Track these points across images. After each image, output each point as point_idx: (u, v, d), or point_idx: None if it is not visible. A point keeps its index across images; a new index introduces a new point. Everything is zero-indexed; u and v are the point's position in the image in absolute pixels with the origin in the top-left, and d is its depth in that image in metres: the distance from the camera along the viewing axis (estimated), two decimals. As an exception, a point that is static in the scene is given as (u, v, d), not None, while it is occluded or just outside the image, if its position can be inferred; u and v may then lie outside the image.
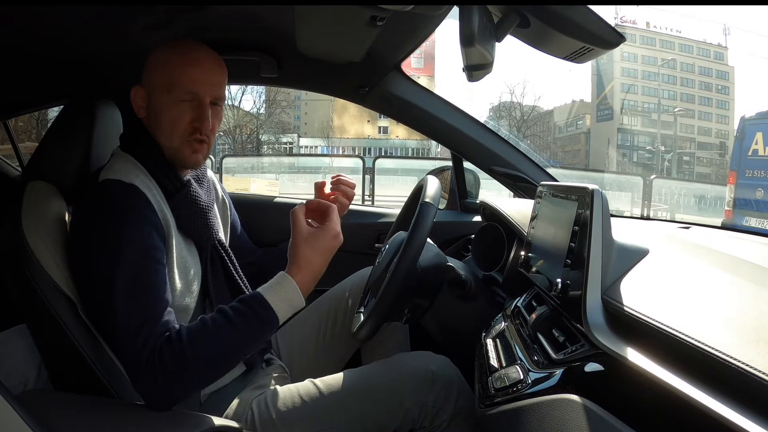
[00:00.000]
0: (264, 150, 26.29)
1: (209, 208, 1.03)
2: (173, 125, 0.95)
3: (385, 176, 9.52)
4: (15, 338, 0.98)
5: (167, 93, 0.94)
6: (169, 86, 0.94)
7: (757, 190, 5.70)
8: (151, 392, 0.82)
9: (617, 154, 30.27)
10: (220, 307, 0.86)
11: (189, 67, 0.94)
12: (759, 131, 5.80)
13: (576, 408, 0.63)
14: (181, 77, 0.93)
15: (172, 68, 0.94)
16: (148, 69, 0.98)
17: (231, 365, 0.90)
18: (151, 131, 0.98)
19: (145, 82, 0.97)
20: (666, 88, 31.27)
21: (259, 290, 0.87)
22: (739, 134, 6.11)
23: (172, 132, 0.95)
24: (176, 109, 0.94)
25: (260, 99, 28.85)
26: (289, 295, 0.86)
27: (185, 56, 0.95)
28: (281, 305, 0.86)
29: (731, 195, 6.00)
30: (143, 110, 0.98)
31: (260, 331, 0.86)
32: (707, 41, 32.64)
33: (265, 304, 0.85)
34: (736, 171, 5.97)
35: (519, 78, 48.18)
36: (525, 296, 1.03)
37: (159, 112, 0.95)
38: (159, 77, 0.95)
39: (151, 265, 0.86)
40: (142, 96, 0.97)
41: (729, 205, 6.02)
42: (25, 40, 1.07)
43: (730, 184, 6.07)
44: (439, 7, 0.90)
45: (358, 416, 0.98)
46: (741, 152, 5.97)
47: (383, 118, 32.36)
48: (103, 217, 0.88)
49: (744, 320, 0.57)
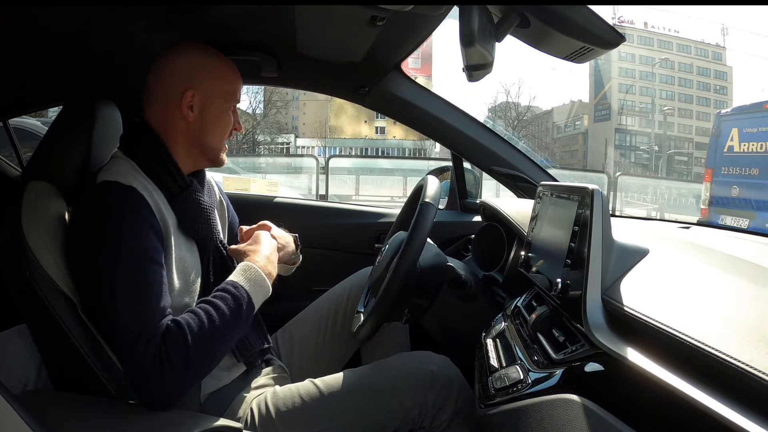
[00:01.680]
0: (259, 150, 26.32)
1: (212, 209, 1.04)
2: (225, 129, 1.03)
3: (339, 175, 10.49)
4: (15, 338, 0.97)
5: (224, 101, 1.02)
6: (226, 95, 1.02)
7: (732, 187, 5.52)
8: (156, 391, 0.83)
9: (615, 154, 30.33)
10: (202, 299, 0.93)
11: (238, 80, 1.05)
12: (734, 127, 5.62)
13: (576, 408, 0.63)
14: (236, 89, 1.04)
15: (231, 79, 1.03)
16: (202, 72, 0.99)
17: (225, 351, 0.94)
18: (193, 134, 1.00)
19: (200, 86, 0.98)
20: (664, 89, 31.33)
21: (228, 278, 0.96)
22: (715, 131, 5.93)
23: (223, 135, 1.04)
24: (227, 115, 1.03)
25: (255, 99, 28.87)
26: (251, 275, 0.96)
27: (234, 70, 1.04)
28: (248, 284, 0.95)
29: (707, 193, 5.83)
30: (192, 114, 0.99)
31: (239, 311, 0.92)
32: (705, 41, 32.71)
33: (236, 284, 0.94)
34: (713, 169, 5.82)
35: (515, 78, 48.26)
36: (525, 296, 1.03)
37: (215, 117, 1.01)
38: (219, 85, 1.01)
39: (148, 266, 0.87)
40: (196, 101, 0.99)
41: (705, 203, 5.86)
42: (24, 40, 1.07)
43: (706, 182, 5.89)
44: (439, 7, 0.90)
45: (358, 416, 0.98)
46: (717, 149, 5.79)
47: (380, 119, 32.42)
48: (100, 219, 0.88)
49: (744, 320, 0.57)
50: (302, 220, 1.76)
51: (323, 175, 8.86)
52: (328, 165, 9.18)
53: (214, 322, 0.87)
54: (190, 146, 1.00)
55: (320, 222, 1.76)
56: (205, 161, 1.05)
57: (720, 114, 6.06)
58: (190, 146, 1.00)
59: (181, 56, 0.99)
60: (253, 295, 0.94)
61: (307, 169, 10.89)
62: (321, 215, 1.78)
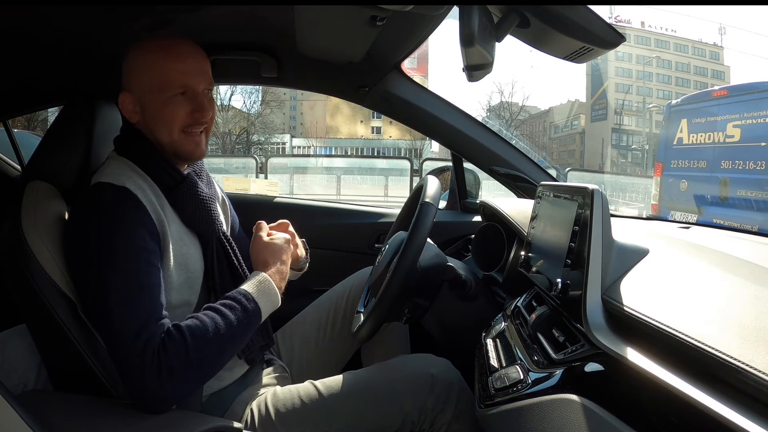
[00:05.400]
0: (254, 151, 26.40)
1: (212, 200, 1.04)
2: (172, 121, 0.96)
3: (278, 174, 11.49)
4: (15, 338, 0.97)
5: (160, 92, 0.94)
6: (161, 86, 0.94)
7: (681, 181, 5.23)
8: (153, 393, 0.82)
9: (612, 153, 30.37)
10: (208, 305, 0.91)
11: (177, 62, 0.95)
12: (684, 118, 5.27)
13: (576, 408, 0.63)
14: (172, 74, 0.94)
15: (161, 67, 0.94)
16: (131, 73, 0.96)
17: (226, 361, 0.93)
18: (147, 132, 0.98)
19: (131, 86, 0.96)
20: (661, 88, 31.38)
21: (241, 286, 0.94)
22: (665, 122, 5.59)
23: (172, 127, 0.96)
24: (172, 104, 0.95)
25: (250, 99, 28.88)
26: (265, 288, 0.95)
27: (169, 52, 0.95)
28: (261, 297, 0.93)
29: (657, 188, 5.51)
30: (136, 114, 0.97)
31: (246, 324, 0.91)
32: (703, 41, 32.77)
33: (249, 296, 0.92)
34: (663, 162, 5.47)
35: (507, 78, 48.24)
36: (525, 296, 1.03)
37: (155, 112, 0.95)
38: (148, 79, 0.94)
39: (143, 267, 0.87)
40: (132, 101, 0.96)
41: (655, 198, 5.54)
42: (24, 40, 1.07)
43: (656, 177, 5.56)
44: (439, 7, 0.90)
45: (357, 419, 0.98)
46: (667, 142, 5.45)
47: (376, 119, 32.46)
48: (94, 220, 0.88)
49: (744, 320, 0.57)
50: (302, 220, 1.75)
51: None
52: (267, 164, 10.29)
53: (219, 330, 0.86)
54: (158, 144, 0.98)
55: (320, 222, 1.76)
56: (174, 158, 0.99)
57: (670, 105, 5.66)
58: (157, 144, 0.98)
59: (124, 60, 0.98)
60: (263, 308, 0.93)
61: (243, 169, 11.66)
62: (321, 215, 1.78)
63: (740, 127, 4.66)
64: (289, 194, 10.45)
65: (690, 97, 5.63)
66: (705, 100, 5.17)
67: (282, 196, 1.83)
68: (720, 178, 4.79)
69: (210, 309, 0.89)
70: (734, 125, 4.71)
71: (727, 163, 4.76)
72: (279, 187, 1.91)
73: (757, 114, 4.52)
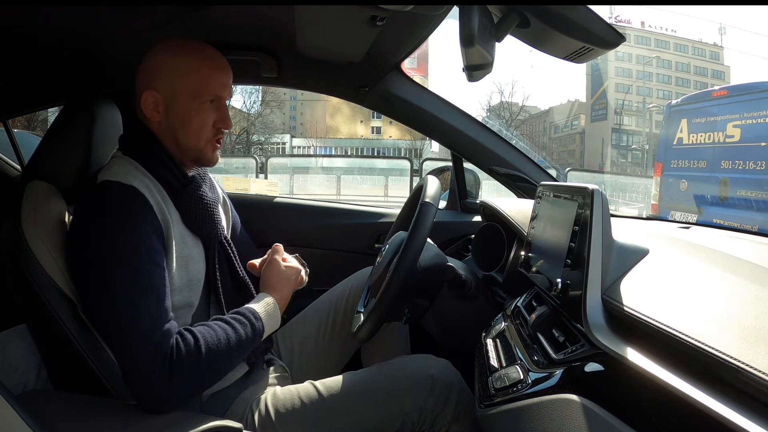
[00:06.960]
0: (254, 151, 26.46)
1: (215, 204, 1.04)
2: (201, 128, 0.97)
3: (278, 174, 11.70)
4: (15, 338, 0.98)
5: (193, 98, 0.95)
6: (197, 92, 0.95)
7: (681, 181, 5.23)
8: (158, 394, 0.83)
9: (612, 153, 30.37)
10: (218, 317, 0.94)
11: (218, 72, 0.97)
12: (684, 118, 5.26)
13: (576, 408, 0.63)
14: (211, 83, 0.96)
15: (201, 74, 0.95)
16: (160, 74, 0.95)
17: (228, 370, 0.96)
18: (163, 134, 0.98)
19: (159, 86, 0.95)
20: (661, 88, 31.37)
21: (250, 305, 0.98)
22: (665, 123, 5.60)
23: (200, 135, 0.98)
24: (203, 112, 0.97)
25: (250, 99, 28.89)
26: (270, 310, 0.99)
27: (211, 61, 0.97)
28: (267, 319, 0.98)
29: (657, 188, 5.51)
30: (158, 114, 0.96)
31: (251, 340, 0.94)
32: (703, 41, 32.77)
33: (258, 315, 0.96)
34: (663, 162, 5.47)
35: (507, 78, 48.29)
36: (525, 296, 1.03)
37: (185, 116, 0.96)
38: (185, 83, 0.95)
39: (148, 267, 0.87)
40: (157, 101, 0.95)
41: (655, 198, 5.53)
42: (24, 39, 1.07)
43: (656, 177, 5.56)
44: (439, 7, 0.90)
45: (357, 419, 0.98)
46: (667, 142, 5.46)
47: (376, 119, 32.47)
48: (101, 219, 0.88)
49: (744, 320, 0.57)
50: (302, 220, 1.76)
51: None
52: (267, 164, 10.46)
53: (230, 341, 0.89)
54: (172, 146, 0.98)
55: (320, 222, 1.76)
56: (188, 161, 1.01)
57: (670, 105, 5.67)
58: (171, 146, 0.98)
59: (148, 56, 0.97)
60: (267, 329, 0.98)
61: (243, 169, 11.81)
62: (321, 215, 1.78)
63: (740, 127, 4.65)
64: (289, 194, 10.55)
65: (690, 97, 5.62)
66: (705, 100, 5.16)
67: (282, 196, 1.83)
68: (720, 178, 4.79)
69: (221, 320, 0.92)
70: (734, 125, 4.70)
71: (727, 163, 4.75)
72: (279, 187, 1.90)
73: (757, 114, 4.51)
